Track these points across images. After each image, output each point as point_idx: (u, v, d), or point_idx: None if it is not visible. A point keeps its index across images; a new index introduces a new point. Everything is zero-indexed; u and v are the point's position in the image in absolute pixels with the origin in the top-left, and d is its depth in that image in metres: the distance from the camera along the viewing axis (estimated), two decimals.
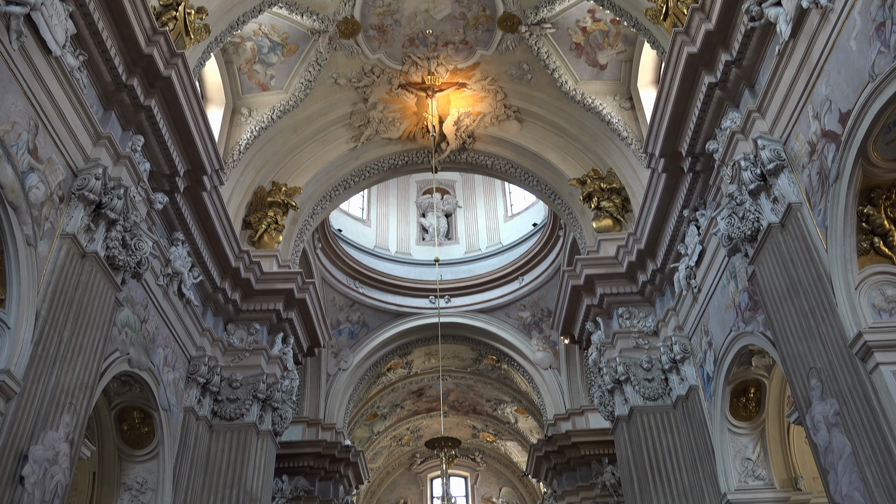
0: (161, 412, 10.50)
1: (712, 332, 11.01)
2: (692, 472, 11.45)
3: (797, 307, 7.95)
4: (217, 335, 12.48)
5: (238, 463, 11.73)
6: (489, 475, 27.87)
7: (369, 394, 21.81)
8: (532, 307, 19.90)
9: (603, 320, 13.28)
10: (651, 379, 12.30)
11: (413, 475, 27.95)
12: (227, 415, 12.09)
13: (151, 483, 10.52)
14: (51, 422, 7.34)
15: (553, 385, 19.52)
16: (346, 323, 20.00)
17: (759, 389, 10.72)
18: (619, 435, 12.57)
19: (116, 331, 9.25)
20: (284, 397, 13.02)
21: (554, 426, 19.05)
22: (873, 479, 6.84)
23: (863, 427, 6.96)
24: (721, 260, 10.43)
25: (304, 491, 17.77)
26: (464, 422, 25.00)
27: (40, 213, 7.44)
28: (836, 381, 7.35)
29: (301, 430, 18.54)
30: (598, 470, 17.97)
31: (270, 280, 13.11)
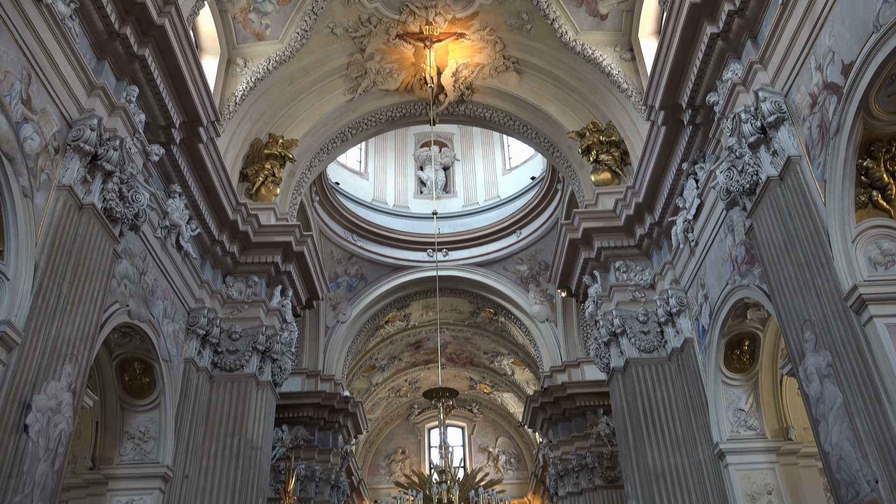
0: (161, 363, 10.62)
1: (708, 285, 11.08)
2: (685, 423, 11.65)
3: (793, 260, 7.98)
4: (216, 287, 12.54)
5: (238, 413, 11.91)
6: (486, 426, 28.33)
7: (367, 346, 22.02)
8: (530, 261, 19.96)
9: (600, 274, 13.34)
10: (647, 331, 12.42)
11: (411, 426, 28.40)
12: (226, 366, 12.22)
13: (154, 432, 10.71)
14: (53, 372, 7.42)
15: (549, 338, 19.70)
16: (344, 276, 20.07)
17: (753, 342, 10.84)
18: (615, 386, 12.75)
19: (115, 283, 9.29)
20: (283, 349, 13.15)
21: (550, 378, 19.29)
22: (863, 429, 6.97)
23: (855, 378, 7.07)
24: (719, 213, 10.44)
25: (304, 440, 18.07)
26: (461, 374, 25.29)
27: (36, 165, 7.39)
28: (829, 334, 7.43)
29: (300, 381, 18.77)
30: (593, 420, 18.26)
31: (268, 233, 13.12)
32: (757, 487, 10.52)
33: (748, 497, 10.47)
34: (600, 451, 17.81)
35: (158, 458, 10.59)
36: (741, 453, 10.72)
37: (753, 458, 10.72)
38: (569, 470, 18.21)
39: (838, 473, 7.40)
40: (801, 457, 10.83)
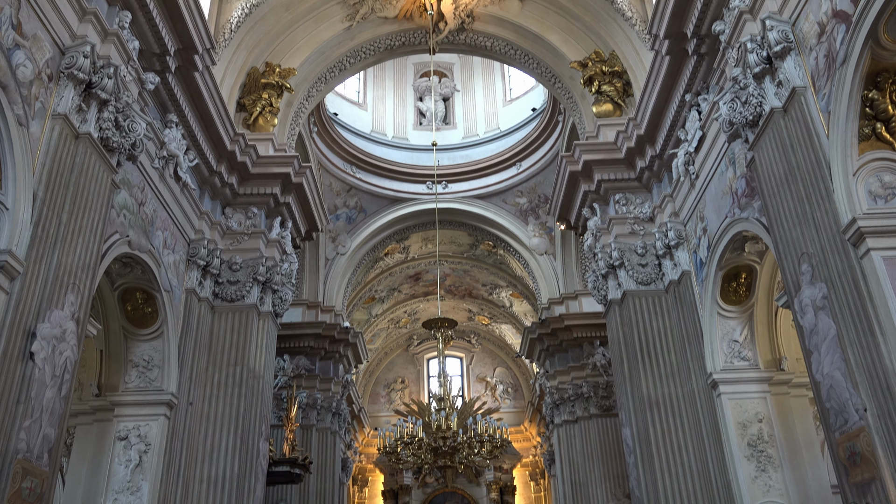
0: (163, 293, 10.72)
1: (708, 218, 11.10)
2: (680, 354, 11.85)
3: (793, 193, 7.97)
4: (215, 219, 12.54)
5: (240, 342, 12.09)
6: (484, 356, 28.80)
7: (367, 278, 22.16)
8: (529, 193, 19.90)
9: (599, 206, 13.33)
10: (645, 264, 12.50)
11: (410, 356, 28.86)
12: (228, 296, 12.34)
13: (157, 360, 10.90)
14: (56, 301, 7.50)
15: (548, 270, 19.82)
16: (343, 208, 20.05)
17: (750, 274, 10.93)
18: (612, 318, 12.91)
19: (115, 213, 9.29)
20: (284, 280, 13.25)
21: (548, 310, 19.50)
22: (854, 360, 7.10)
23: (849, 310, 7.16)
24: (721, 146, 10.36)
25: (306, 369, 18.40)
26: (460, 305, 25.55)
27: (30, 93, 7.29)
28: (826, 266, 7.48)
29: (301, 312, 18.98)
30: (590, 351, 18.55)
31: (267, 164, 13.03)
32: (748, 416, 10.79)
33: (739, 425, 10.74)
34: (596, 381, 18.16)
35: (163, 385, 10.81)
36: (734, 383, 10.96)
37: (746, 388, 10.96)
38: (565, 399, 18.60)
39: (828, 402, 7.57)
40: (792, 387, 11.07)
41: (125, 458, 10.36)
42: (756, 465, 10.50)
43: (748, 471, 10.46)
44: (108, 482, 10.23)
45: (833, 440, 7.56)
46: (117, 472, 10.28)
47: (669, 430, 11.44)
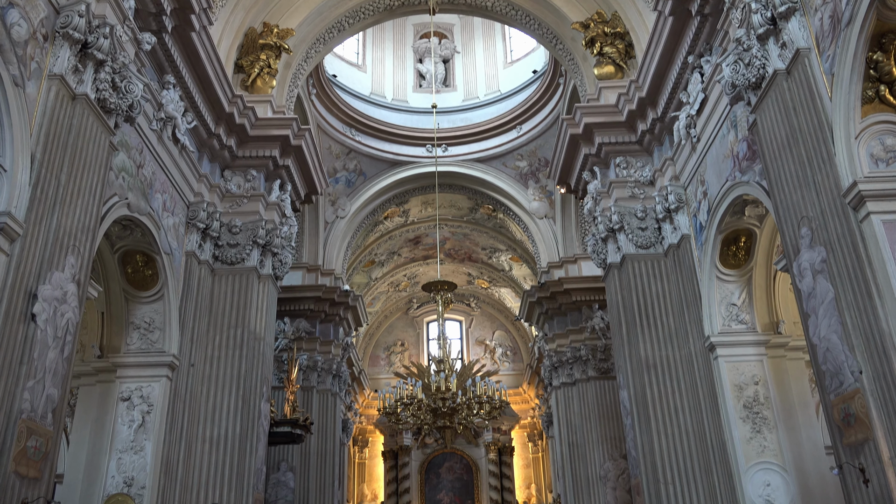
0: (163, 256, 10.74)
1: (708, 181, 11.06)
2: (679, 317, 11.92)
3: (795, 156, 7.94)
4: (214, 181, 12.51)
5: (241, 305, 12.15)
6: (483, 319, 28.95)
7: (367, 241, 22.17)
8: (529, 157, 19.80)
9: (600, 170, 13.29)
10: (644, 228, 12.50)
11: (410, 319, 29.01)
12: (228, 259, 12.36)
13: (158, 322, 10.96)
14: (56, 263, 7.52)
15: (547, 234, 19.81)
16: (342, 171, 19.95)
17: (749, 238, 10.94)
18: (611, 282, 12.96)
19: (113, 175, 9.26)
20: (283, 243, 13.26)
21: (547, 273, 19.55)
22: (851, 323, 7.15)
23: (847, 274, 7.18)
24: (723, 109, 10.28)
25: (306, 332, 18.51)
26: (459, 269, 25.60)
27: (25, 53, 7.21)
28: (826, 230, 7.49)
29: (301, 275, 19.02)
30: (589, 315, 18.64)
31: (265, 126, 12.95)
32: (745, 378, 10.90)
33: (735, 387, 10.86)
34: (594, 344, 18.28)
35: (164, 347, 10.89)
36: (731, 346, 11.05)
37: (743, 351, 11.05)
38: (563, 362, 18.75)
39: (824, 365, 7.64)
40: (789, 350, 11.17)
41: (128, 419, 10.48)
42: (751, 426, 10.63)
43: (743, 432, 10.60)
44: (112, 442, 10.37)
45: (828, 402, 7.65)
46: (121, 432, 10.42)
47: (666, 392, 11.57)
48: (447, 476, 25.65)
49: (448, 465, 25.80)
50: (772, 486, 10.30)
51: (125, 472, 10.16)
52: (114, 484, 10.12)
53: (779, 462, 10.43)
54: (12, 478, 6.73)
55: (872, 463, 6.95)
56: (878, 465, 6.84)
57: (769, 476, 10.36)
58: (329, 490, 17.91)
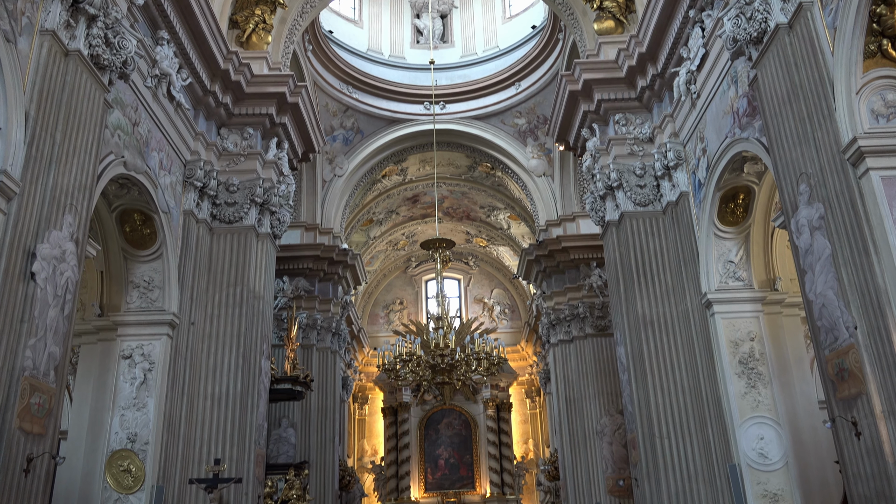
0: (161, 214, 10.72)
1: (708, 138, 11.01)
2: (676, 274, 11.97)
3: (795, 112, 7.89)
4: (211, 139, 12.42)
5: (240, 263, 12.18)
6: (481, 278, 29.04)
7: (365, 200, 22.10)
8: (528, 114, 19.63)
9: (599, 127, 13.20)
10: (643, 185, 12.47)
11: (409, 278, 29.09)
12: (226, 218, 12.35)
13: (158, 281, 11.00)
14: (54, 221, 7.52)
15: (546, 192, 19.76)
16: (339, 129, 19.80)
17: (748, 195, 10.93)
18: (609, 239, 12.98)
19: (109, 133, 9.19)
20: (281, 202, 13.23)
21: (545, 231, 19.55)
22: (847, 279, 7.19)
23: (845, 230, 7.20)
24: (723, 64, 10.17)
25: (305, 290, 18.58)
26: (458, 227, 25.58)
27: (16, 7, 7.09)
28: (824, 187, 7.48)
29: (299, 234, 19.01)
30: (586, 273, 18.70)
31: (261, 83, 12.81)
32: (740, 334, 11.01)
33: (731, 343, 10.97)
34: (592, 302, 18.38)
35: (164, 305, 10.94)
36: (728, 303, 11.12)
37: (739, 308, 11.14)
38: (561, 319, 18.88)
39: (820, 321, 7.71)
40: (785, 306, 11.25)
41: (130, 376, 10.59)
42: (746, 381, 10.77)
43: (738, 387, 10.74)
44: (115, 399, 10.49)
45: (822, 357, 7.73)
46: (123, 390, 10.54)
47: (663, 349, 11.68)
48: (446, 432, 26.02)
49: (447, 422, 26.15)
50: (765, 440, 10.48)
51: (128, 429, 10.31)
52: (117, 440, 10.27)
53: (772, 416, 10.59)
54: (17, 434, 6.83)
55: (865, 416, 7.06)
56: (871, 418, 6.95)
57: (763, 430, 10.53)
58: (330, 445, 18.19)
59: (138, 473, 10.05)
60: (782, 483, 10.29)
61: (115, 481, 10.01)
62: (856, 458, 7.26)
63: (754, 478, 10.32)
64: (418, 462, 25.45)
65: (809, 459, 10.39)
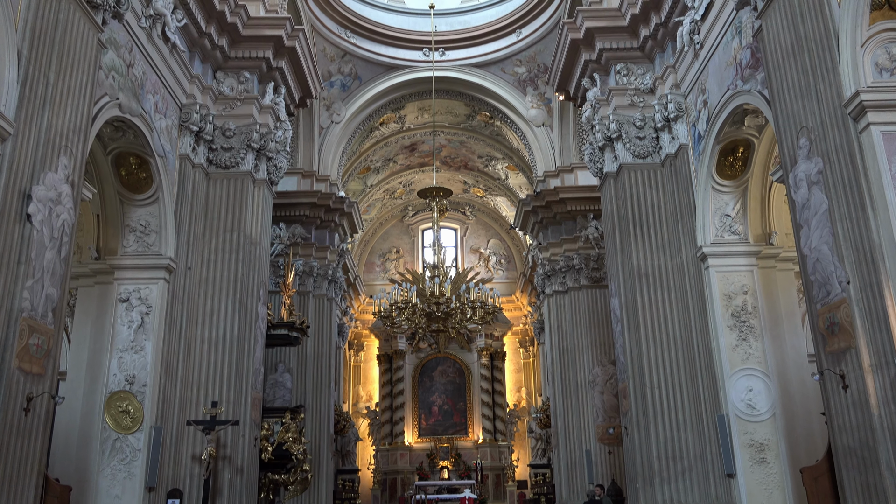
0: (157, 158, 10.65)
1: (709, 90, 10.90)
2: (672, 227, 12.00)
3: (798, 64, 7.80)
4: (206, 83, 12.26)
5: (236, 209, 12.16)
6: (478, 228, 29.05)
7: (362, 147, 21.94)
8: (528, 62, 19.36)
9: (600, 77, 13.05)
10: (642, 137, 12.40)
11: (405, 227, 29.08)
12: (222, 163, 12.28)
13: (154, 225, 11.00)
14: (49, 163, 7.47)
15: (545, 142, 19.62)
16: (337, 75, 19.52)
17: (747, 149, 10.89)
18: (606, 191, 12.96)
19: (103, 74, 9.06)
20: (278, 147, 13.14)
21: (543, 183, 19.48)
22: (843, 234, 7.22)
23: (842, 185, 7.20)
24: (728, 14, 10.01)
25: (302, 238, 18.59)
26: (455, 177, 25.47)
27: None
28: (824, 141, 7.45)
29: (296, 181, 18.92)
30: (583, 224, 18.72)
31: (258, 26, 12.58)
32: (734, 288, 11.10)
33: (725, 296, 11.07)
34: (587, 254, 18.45)
35: (161, 250, 10.96)
36: (723, 256, 11.19)
37: (734, 261, 11.21)
38: (556, 270, 18.97)
39: (813, 275, 7.77)
40: (779, 261, 11.32)
41: (127, 319, 10.67)
42: (738, 334, 10.90)
43: (730, 339, 10.88)
44: (113, 341, 10.60)
45: (814, 311, 7.82)
46: (121, 333, 10.63)
47: (657, 301, 11.78)
48: (440, 379, 26.40)
49: (441, 369, 26.50)
50: (754, 391, 10.67)
51: (126, 371, 10.43)
52: (116, 381, 10.41)
53: (762, 369, 10.75)
54: (17, 373, 6.91)
55: (853, 369, 7.18)
56: (859, 371, 7.07)
57: (752, 382, 10.71)
58: (325, 391, 18.46)
59: (137, 414, 10.22)
60: (769, 433, 10.52)
61: (113, 422, 10.18)
62: (842, 410, 7.40)
63: (741, 428, 10.54)
64: (412, 408, 25.88)
65: (796, 411, 10.60)
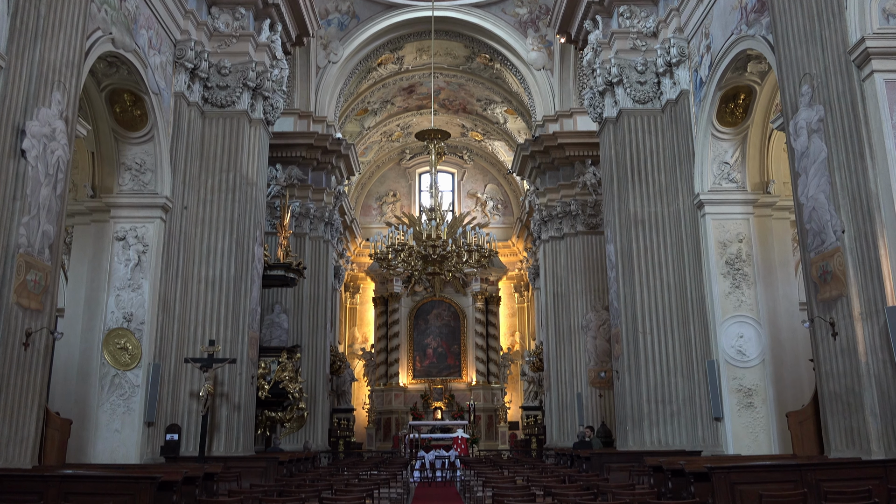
0: (151, 95, 10.51)
1: (713, 34, 10.73)
2: (670, 174, 11.97)
3: (805, 9, 7.67)
4: (201, 19, 12.01)
5: (232, 149, 12.07)
6: (475, 172, 28.90)
7: (360, 89, 21.64)
8: (529, 3, 18.96)
9: (602, 19, 12.81)
10: (644, 82, 12.26)
11: (402, 170, 28.92)
12: (217, 101, 12.13)
13: (150, 164, 10.93)
14: (42, 98, 7.38)
15: (544, 86, 19.37)
16: (335, 13, 19.11)
17: (749, 96, 10.79)
18: (605, 137, 12.87)
19: (95, 7, 8.87)
20: (274, 87, 12.96)
21: (542, 127, 19.32)
22: (840, 183, 7.22)
23: (843, 134, 7.17)
24: None
25: (298, 179, 18.50)
26: (453, 120, 25.21)
27: None
28: (826, 88, 7.38)
29: (293, 121, 18.72)
30: (581, 170, 18.64)
31: None
32: (729, 236, 11.15)
33: (720, 244, 11.13)
34: (584, 200, 18.43)
35: (157, 189, 10.92)
36: (719, 204, 11.21)
37: (730, 209, 11.23)
38: (553, 216, 18.97)
39: (809, 224, 7.80)
40: (775, 209, 11.35)
41: (124, 258, 10.70)
42: (731, 282, 11.00)
43: (723, 287, 10.98)
44: (110, 279, 10.65)
45: (808, 260, 7.88)
46: (118, 271, 10.67)
47: (652, 248, 11.83)
48: (435, 322, 26.66)
49: (436, 312, 26.74)
50: (744, 338, 10.82)
51: (124, 309, 10.51)
52: (113, 319, 10.50)
53: (753, 316, 10.88)
54: (15, 308, 6.97)
55: (843, 318, 7.27)
56: (849, 319, 7.17)
57: (743, 329, 10.85)
58: (321, 332, 18.65)
59: (135, 351, 10.34)
60: (757, 379, 10.71)
61: (112, 358, 10.31)
62: (830, 356, 7.53)
63: (731, 373, 10.73)
64: (407, 350, 26.21)
65: (785, 358, 10.77)
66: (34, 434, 7.31)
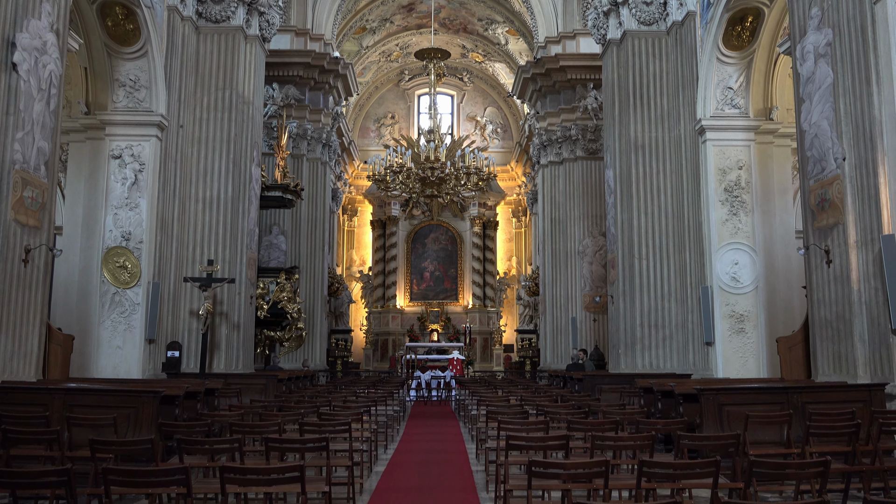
0: (143, 9, 10.23)
1: None
2: (673, 99, 11.81)
3: None
4: None
5: (228, 66, 11.85)
6: (475, 95, 28.44)
7: (358, 6, 21.05)
8: None
9: None
10: (650, 2, 11.95)
11: (401, 91, 28.43)
12: (212, 16, 11.83)
13: (144, 80, 10.73)
14: (32, 10, 7.18)
15: (548, 5, 18.86)
16: None
17: (756, 18, 10.54)
18: (608, 59, 12.63)
19: None
20: (270, 2, 12.62)
21: (544, 49, 18.91)
22: (844, 109, 7.14)
23: (850, 58, 7.04)
24: None
25: (295, 99, 18.20)
26: (454, 40, 24.64)
27: None
28: (836, 11, 7.21)
29: (289, 39, 18.27)
30: (582, 94, 18.36)
31: None
32: (729, 162, 11.09)
33: (719, 171, 11.08)
34: (585, 125, 18.23)
35: (152, 106, 10.76)
36: (721, 130, 11.10)
37: (732, 136, 11.13)
38: (553, 141, 18.80)
39: (810, 151, 7.75)
40: (777, 136, 11.26)
41: (121, 176, 10.64)
42: (729, 209, 11.01)
43: (720, 214, 11.00)
44: (107, 198, 10.62)
45: (807, 187, 7.86)
46: (114, 189, 10.63)
47: (651, 173, 11.79)
48: (432, 246, 26.77)
49: (434, 236, 26.82)
50: (739, 265, 10.91)
51: (122, 227, 10.52)
52: (112, 237, 10.52)
53: (749, 243, 10.94)
54: (13, 225, 6.97)
55: (838, 245, 7.32)
56: (844, 247, 7.21)
57: (738, 255, 10.93)
58: (319, 253, 18.74)
59: (134, 270, 10.41)
60: (750, 305, 10.85)
61: (111, 276, 10.39)
62: (823, 284, 7.61)
63: (724, 299, 10.86)
64: (405, 273, 26.41)
65: (778, 285, 10.89)
66: (37, 349, 7.44)
